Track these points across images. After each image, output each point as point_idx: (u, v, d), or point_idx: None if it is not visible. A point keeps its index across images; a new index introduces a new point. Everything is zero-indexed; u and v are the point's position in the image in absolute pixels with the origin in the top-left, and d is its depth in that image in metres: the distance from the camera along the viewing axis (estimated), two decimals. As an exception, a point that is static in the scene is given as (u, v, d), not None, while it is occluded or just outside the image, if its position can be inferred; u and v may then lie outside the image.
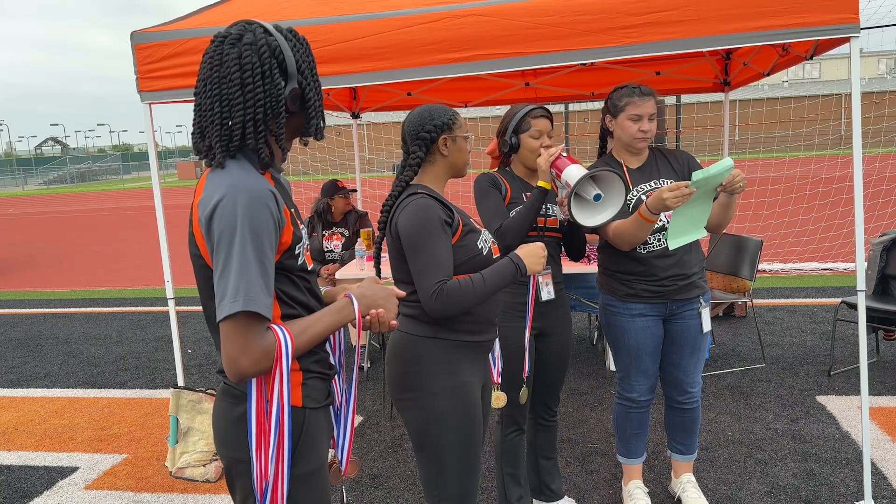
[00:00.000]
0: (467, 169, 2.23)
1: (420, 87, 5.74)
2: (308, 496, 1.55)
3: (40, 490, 3.55)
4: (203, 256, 1.46)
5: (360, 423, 4.19)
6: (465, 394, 2.09)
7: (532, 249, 2.11)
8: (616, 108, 2.75)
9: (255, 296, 1.36)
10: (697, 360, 2.90)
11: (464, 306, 2.00)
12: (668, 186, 2.45)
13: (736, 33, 2.82)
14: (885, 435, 3.67)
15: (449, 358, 2.09)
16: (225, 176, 1.43)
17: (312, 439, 1.55)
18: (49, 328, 7.23)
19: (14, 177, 62.30)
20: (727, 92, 5.71)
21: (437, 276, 1.99)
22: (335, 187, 5.43)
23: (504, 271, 2.05)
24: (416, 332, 2.09)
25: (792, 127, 39.91)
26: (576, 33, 2.93)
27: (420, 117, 2.13)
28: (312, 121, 1.54)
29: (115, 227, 19.11)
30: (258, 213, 1.38)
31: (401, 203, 2.09)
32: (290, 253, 1.51)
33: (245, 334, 1.37)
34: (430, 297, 1.99)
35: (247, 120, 1.45)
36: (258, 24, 1.49)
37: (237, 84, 1.43)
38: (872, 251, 4.78)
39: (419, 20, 3.03)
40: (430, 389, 2.07)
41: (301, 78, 1.50)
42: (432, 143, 2.13)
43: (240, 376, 1.40)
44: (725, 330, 5.74)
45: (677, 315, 2.84)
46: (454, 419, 2.08)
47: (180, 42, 3.26)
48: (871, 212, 12.82)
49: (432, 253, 1.99)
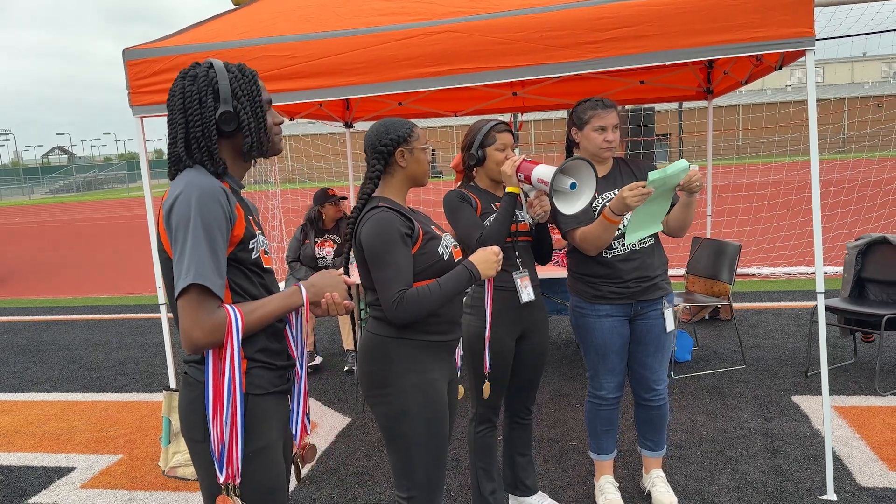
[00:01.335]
0: (428, 178, 2.36)
1: (411, 97, 5.89)
2: (256, 473, 1.72)
3: (38, 489, 3.70)
4: (167, 251, 1.66)
5: (347, 424, 4.32)
6: (431, 391, 2.22)
7: (485, 255, 2.23)
8: (581, 120, 2.92)
9: (205, 273, 1.56)
10: (662, 359, 3.04)
11: (423, 313, 2.13)
12: (628, 186, 2.61)
13: (695, 48, 2.96)
14: (854, 433, 3.79)
15: (415, 357, 2.22)
16: (182, 178, 1.67)
17: (255, 422, 1.72)
18: (51, 334, 7.39)
19: (21, 185, 62.76)
20: (710, 100, 5.85)
21: (396, 286, 2.12)
22: (326, 195, 5.57)
23: (459, 277, 2.18)
24: (384, 334, 2.23)
25: (791, 131, 39.97)
26: (545, 48, 3.08)
27: (377, 132, 2.26)
28: (246, 139, 1.72)
29: (118, 235, 19.32)
30: (209, 205, 1.59)
31: (363, 216, 2.21)
32: (244, 247, 1.70)
33: (197, 309, 1.57)
34: (391, 306, 2.12)
35: (190, 137, 1.69)
36: (208, 62, 1.72)
37: (180, 108, 1.69)
38: (848, 255, 4.90)
39: (396, 37, 3.18)
40: (399, 386, 2.20)
41: (236, 103, 1.71)
42: (389, 155, 2.26)
43: (193, 348, 1.59)
44: (709, 333, 5.86)
45: (642, 315, 2.99)
46: (421, 414, 2.21)
47: (170, 58, 3.41)
48: (857, 215, 12.91)
49: (391, 264, 2.12)
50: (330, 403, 4.71)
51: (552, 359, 5.41)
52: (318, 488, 3.50)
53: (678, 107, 9.87)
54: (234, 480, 1.68)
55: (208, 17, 3.81)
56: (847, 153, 38.72)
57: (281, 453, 1.80)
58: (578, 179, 2.63)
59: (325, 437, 4.14)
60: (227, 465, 1.66)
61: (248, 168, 1.83)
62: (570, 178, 2.63)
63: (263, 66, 3.31)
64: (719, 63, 5.28)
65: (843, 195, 16.71)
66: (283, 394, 1.83)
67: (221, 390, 1.65)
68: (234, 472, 1.67)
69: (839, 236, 10.85)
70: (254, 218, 1.82)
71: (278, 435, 1.79)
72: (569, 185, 2.61)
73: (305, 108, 5.69)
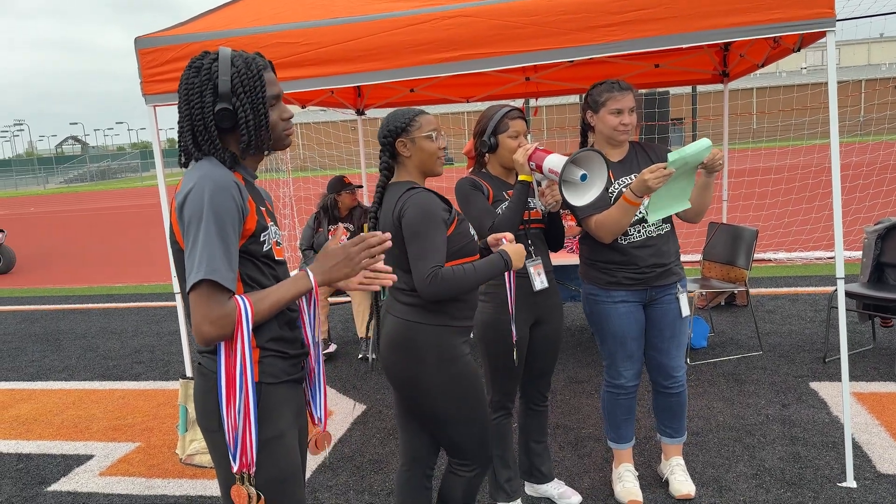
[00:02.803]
0: (440, 167, 2.33)
1: (422, 83, 5.85)
2: (270, 461, 1.72)
3: (57, 476, 3.73)
4: (179, 242, 1.66)
5: (363, 412, 4.33)
6: (465, 364, 2.30)
7: (518, 248, 2.32)
8: (597, 103, 2.88)
9: (216, 267, 1.56)
10: (679, 344, 3.01)
11: (454, 292, 2.17)
12: (649, 168, 2.60)
13: (712, 30, 2.91)
14: (874, 419, 3.75)
15: (444, 341, 2.25)
16: (196, 170, 1.66)
17: (268, 411, 1.72)
18: (68, 323, 7.46)
19: (35, 175, 63.29)
20: (726, 83, 5.77)
21: (432, 261, 2.15)
22: (342, 183, 5.56)
23: (494, 264, 2.24)
24: (414, 319, 2.25)
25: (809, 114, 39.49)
26: (558, 32, 3.03)
27: (381, 124, 2.29)
28: (243, 137, 1.70)
29: (133, 224, 19.44)
30: (222, 199, 1.59)
31: (403, 196, 2.23)
32: (255, 239, 1.69)
33: (208, 302, 1.57)
34: (425, 280, 2.14)
35: (195, 129, 1.68)
36: (216, 53, 1.70)
37: (185, 100, 1.70)
38: (867, 239, 4.84)
39: (408, 21, 3.14)
40: (430, 372, 2.24)
41: (235, 100, 1.68)
42: (392, 146, 2.28)
43: (205, 341, 1.60)
44: (726, 319, 5.81)
45: (657, 301, 2.96)
46: (462, 387, 2.28)
47: (182, 46, 3.39)
48: (876, 199, 12.74)
49: (430, 240, 2.16)
50: (345, 391, 4.72)
51: (566, 345, 5.39)
52: (334, 475, 3.51)
53: (692, 90, 9.74)
54: (248, 469, 1.68)
55: (220, 5, 3.79)
56: (865, 136, 38.24)
57: (296, 442, 1.80)
58: (589, 171, 2.60)
59: (341, 425, 4.15)
60: (240, 455, 1.66)
61: (260, 159, 1.81)
62: (581, 169, 2.60)
63: (275, 53, 3.29)
64: (735, 45, 5.20)
65: (862, 178, 16.51)
66: (297, 382, 1.83)
67: (234, 379, 1.64)
68: (249, 462, 1.67)
69: (857, 220, 10.72)
70: (266, 209, 1.80)
71: (292, 423, 1.79)
72: (579, 177, 2.58)
73: (317, 95, 5.67)
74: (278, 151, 1.84)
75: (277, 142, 1.77)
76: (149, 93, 3.49)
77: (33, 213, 27.71)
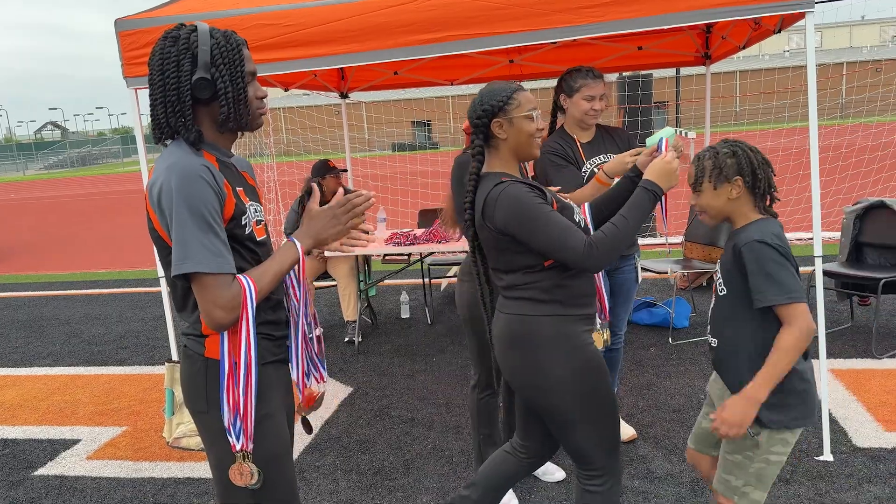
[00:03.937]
0: (537, 149, 2.12)
1: (406, 66, 5.83)
2: (264, 439, 1.74)
3: (44, 461, 3.74)
4: (157, 230, 1.65)
5: (349, 393, 4.36)
6: (592, 355, 2.08)
7: (662, 165, 2.05)
8: (572, 88, 3.08)
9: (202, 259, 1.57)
10: (628, 308, 3.32)
11: (617, 248, 1.96)
12: (629, 152, 2.64)
13: (694, 10, 2.93)
14: (851, 395, 3.83)
15: (566, 330, 2.07)
16: (162, 160, 1.65)
17: (261, 390, 1.74)
18: (51, 310, 7.41)
19: (14, 162, 62.37)
20: (708, 65, 5.80)
21: (574, 235, 1.95)
22: (326, 167, 5.53)
23: (641, 201, 2.00)
24: (531, 313, 2.07)
25: (790, 97, 39.74)
26: (543, 13, 3.04)
27: (473, 104, 2.09)
28: (223, 108, 1.67)
29: (114, 210, 19.27)
30: (192, 188, 1.58)
31: (490, 195, 2.03)
32: (236, 223, 1.69)
33: (215, 289, 1.59)
34: (583, 251, 1.94)
35: (167, 101, 1.65)
36: (193, 25, 1.68)
37: (158, 69, 1.65)
38: (846, 219, 4.91)
39: (392, 3, 3.14)
40: (554, 364, 2.04)
41: (214, 70, 1.65)
42: (486, 128, 2.07)
43: (219, 326, 1.62)
44: (707, 299, 5.88)
45: (619, 269, 3.24)
46: (590, 381, 2.06)
47: (163, 28, 3.37)
48: (855, 180, 12.90)
49: (552, 220, 1.95)
50: (332, 374, 4.75)
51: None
52: (321, 455, 3.55)
53: (675, 73, 9.76)
54: (247, 448, 1.69)
55: (200, -14, 3.75)
56: (845, 118, 38.57)
57: (284, 420, 1.82)
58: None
59: (328, 406, 4.18)
60: (243, 433, 1.68)
61: (234, 139, 1.78)
62: None
63: (257, 34, 3.27)
64: (717, 27, 5.22)
65: (841, 160, 16.67)
66: (283, 362, 1.85)
67: (238, 360, 1.65)
68: (247, 439, 1.69)
69: (836, 201, 10.85)
70: (245, 187, 1.78)
71: (281, 403, 1.81)
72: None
73: (300, 78, 5.63)
74: (255, 132, 1.83)
75: (252, 120, 1.75)
76: (130, 75, 3.46)
77: (13, 200, 27.37)
